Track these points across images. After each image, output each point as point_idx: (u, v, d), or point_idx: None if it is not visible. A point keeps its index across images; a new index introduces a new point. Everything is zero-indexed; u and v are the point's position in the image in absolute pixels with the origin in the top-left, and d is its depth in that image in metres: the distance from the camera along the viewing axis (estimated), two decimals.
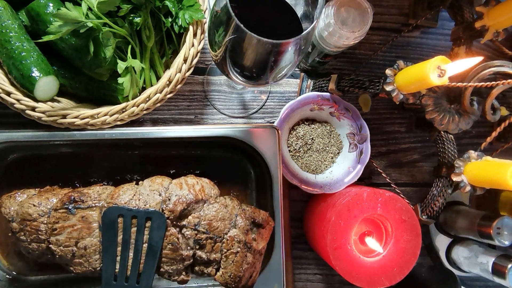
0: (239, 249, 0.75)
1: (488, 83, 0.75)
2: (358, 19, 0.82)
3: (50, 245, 0.73)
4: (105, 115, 0.80)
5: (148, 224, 0.74)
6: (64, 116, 0.80)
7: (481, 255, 0.92)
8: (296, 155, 0.91)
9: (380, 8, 1.05)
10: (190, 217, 0.75)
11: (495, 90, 0.87)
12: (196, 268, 0.77)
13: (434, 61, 0.67)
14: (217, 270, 0.76)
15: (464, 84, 0.77)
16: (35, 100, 0.79)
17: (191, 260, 0.75)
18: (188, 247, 0.74)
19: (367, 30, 0.82)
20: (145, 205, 0.74)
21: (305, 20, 0.69)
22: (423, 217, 0.91)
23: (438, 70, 0.67)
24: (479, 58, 0.68)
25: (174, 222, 0.74)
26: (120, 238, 0.74)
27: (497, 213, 1.00)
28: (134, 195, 0.75)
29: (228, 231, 0.76)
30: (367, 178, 1.02)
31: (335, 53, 0.89)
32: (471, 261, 0.94)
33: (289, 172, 0.87)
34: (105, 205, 0.74)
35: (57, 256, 0.73)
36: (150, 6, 0.80)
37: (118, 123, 0.82)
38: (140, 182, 0.79)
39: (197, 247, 0.75)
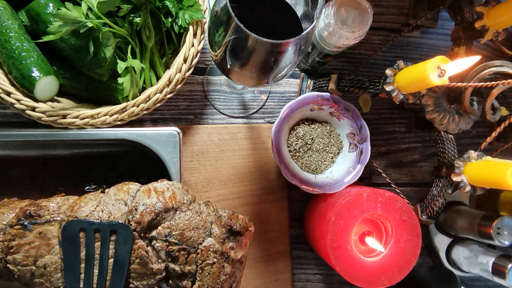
0: (215, 259, 0.69)
1: (488, 83, 0.75)
2: (358, 19, 0.82)
3: (8, 265, 0.66)
4: (105, 115, 0.80)
5: (113, 237, 0.68)
6: (64, 116, 0.80)
7: (481, 255, 0.92)
8: (296, 155, 0.91)
9: (380, 8, 1.05)
10: (159, 228, 0.69)
11: (495, 90, 0.87)
12: (171, 282, 0.71)
13: (434, 61, 0.67)
14: (193, 283, 0.70)
15: (464, 84, 0.77)
16: (35, 100, 0.79)
17: (164, 274, 0.69)
18: (159, 260, 0.69)
19: (367, 30, 0.82)
20: (109, 217, 0.68)
21: (305, 20, 0.69)
22: (423, 217, 0.90)
23: (438, 70, 0.67)
24: (478, 57, 0.68)
25: (142, 234, 0.68)
26: (83, 254, 0.68)
27: (497, 213, 0.99)
28: (97, 205, 0.69)
29: (203, 240, 0.70)
30: (367, 178, 1.02)
31: (335, 53, 0.89)
32: (471, 261, 0.94)
33: (289, 172, 0.87)
34: (65, 218, 0.67)
35: (16, 276, 0.67)
36: (150, 6, 0.80)
37: (118, 123, 0.82)
38: (106, 191, 0.73)
39: (169, 259, 0.69)
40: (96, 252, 0.68)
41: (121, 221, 0.68)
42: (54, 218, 0.68)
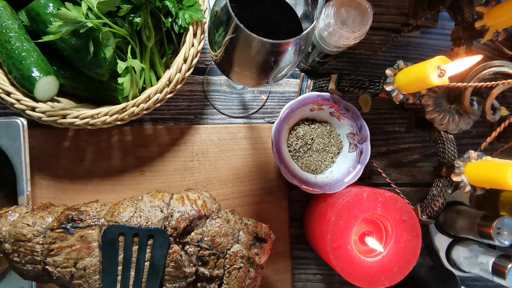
0: (242, 264, 0.74)
1: (488, 83, 0.74)
2: (358, 19, 0.82)
3: (47, 266, 0.69)
4: (105, 115, 0.80)
5: (150, 242, 0.71)
6: (64, 116, 0.79)
7: (481, 255, 0.92)
8: (296, 155, 0.91)
9: (380, 8, 1.05)
10: (193, 234, 0.73)
11: (495, 90, 0.87)
12: (199, 285, 0.74)
13: (434, 61, 0.67)
14: (220, 286, 0.74)
15: (464, 84, 0.76)
16: (35, 100, 0.79)
17: (194, 277, 0.73)
18: (191, 264, 0.73)
19: (367, 30, 0.82)
20: (146, 223, 0.72)
21: (305, 20, 0.68)
22: (423, 217, 0.90)
23: (438, 70, 0.66)
24: (479, 57, 0.67)
25: (177, 239, 0.72)
26: (121, 257, 0.71)
27: (497, 213, 0.99)
28: (135, 212, 0.73)
29: (231, 246, 0.74)
30: (367, 178, 1.02)
31: (335, 53, 0.89)
32: (471, 261, 0.94)
33: (289, 172, 0.86)
34: (105, 223, 0.71)
35: (54, 277, 0.70)
36: (150, 6, 0.80)
37: (118, 123, 0.81)
38: (140, 197, 0.77)
39: (200, 263, 0.73)
40: (133, 256, 0.71)
41: (158, 227, 0.71)
42: (95, 223, 0.71)
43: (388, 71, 0.79)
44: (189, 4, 0.82)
